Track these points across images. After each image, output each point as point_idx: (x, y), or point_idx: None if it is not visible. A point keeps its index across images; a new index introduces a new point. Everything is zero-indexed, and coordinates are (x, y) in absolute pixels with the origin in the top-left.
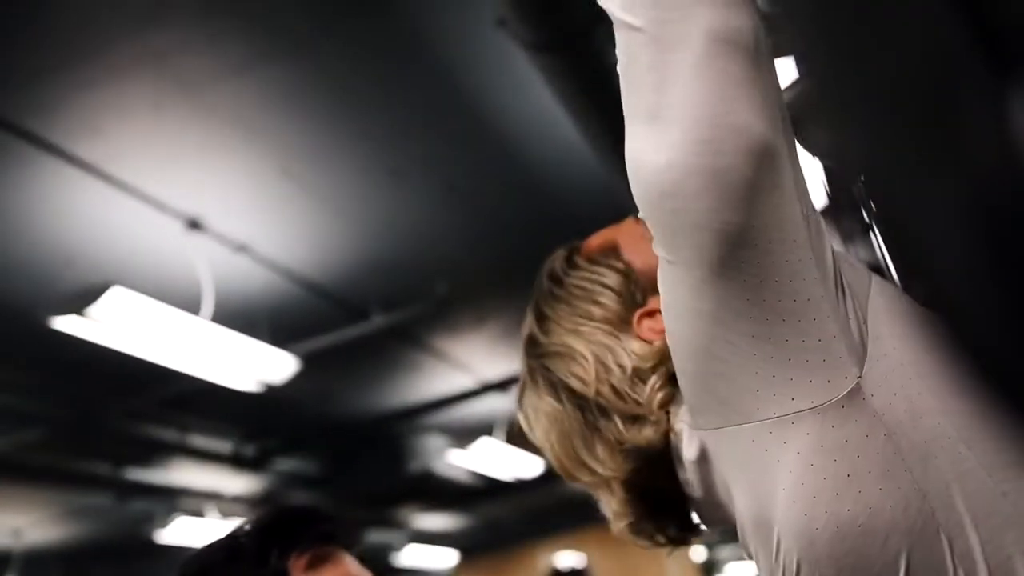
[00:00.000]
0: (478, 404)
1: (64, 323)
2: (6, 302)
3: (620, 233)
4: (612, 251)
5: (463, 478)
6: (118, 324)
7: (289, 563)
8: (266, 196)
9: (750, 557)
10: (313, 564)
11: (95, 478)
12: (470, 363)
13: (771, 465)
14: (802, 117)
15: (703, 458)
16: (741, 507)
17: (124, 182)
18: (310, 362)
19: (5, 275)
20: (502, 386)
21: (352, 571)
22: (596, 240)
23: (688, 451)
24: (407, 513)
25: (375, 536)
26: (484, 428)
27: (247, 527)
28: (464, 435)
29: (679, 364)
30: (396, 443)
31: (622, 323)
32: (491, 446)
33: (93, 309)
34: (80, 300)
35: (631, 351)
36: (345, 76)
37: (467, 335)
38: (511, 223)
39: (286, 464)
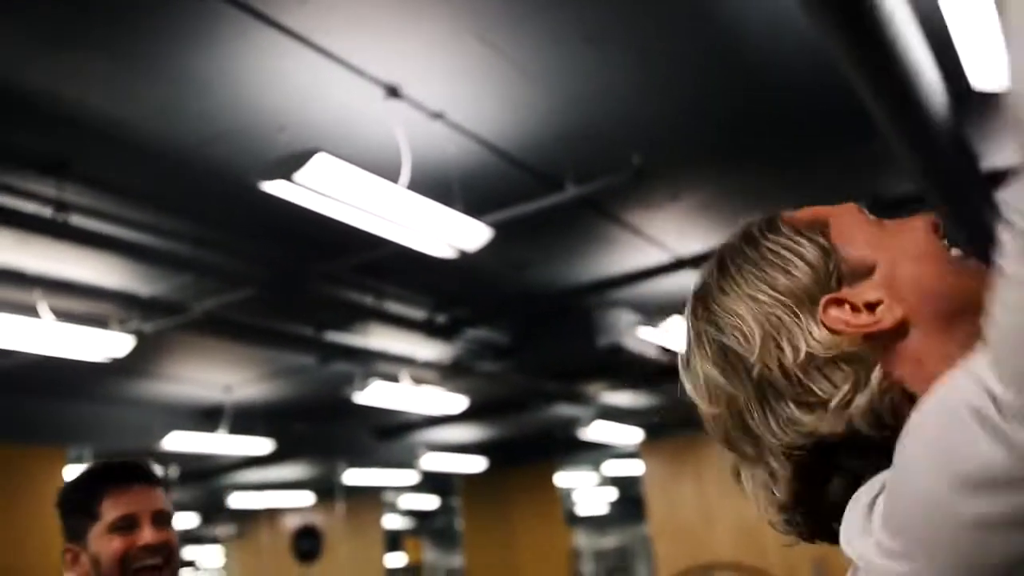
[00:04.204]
0: (671, 280)
1: (272, 187)
2: (220, 166)
3: (833, 214)
4: (820, 227)
5: (653, 355)
6: (322, 189)
7: (100, 507)
8: (462, 63)
9: None
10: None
11: (298, 338)
12: (664, 238)
13: None
14: None
15: None
16: None
17: (329, 50)
18: (503, 231)
19: (220, 140)
20: (696, 262)
21: (134, 504)
22: (805, 213)
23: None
24: (595, 388)
25: (562, 409)
26: (676, 305)
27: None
28: (655, 311)
29: None
30: (586, 317)
31: (806, 301)
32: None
33: (299, 175)
34: (287, 166)
35: (810, 333)
36: None
37: (662, 209)
38: (711, 92)
39: (477, 333)
